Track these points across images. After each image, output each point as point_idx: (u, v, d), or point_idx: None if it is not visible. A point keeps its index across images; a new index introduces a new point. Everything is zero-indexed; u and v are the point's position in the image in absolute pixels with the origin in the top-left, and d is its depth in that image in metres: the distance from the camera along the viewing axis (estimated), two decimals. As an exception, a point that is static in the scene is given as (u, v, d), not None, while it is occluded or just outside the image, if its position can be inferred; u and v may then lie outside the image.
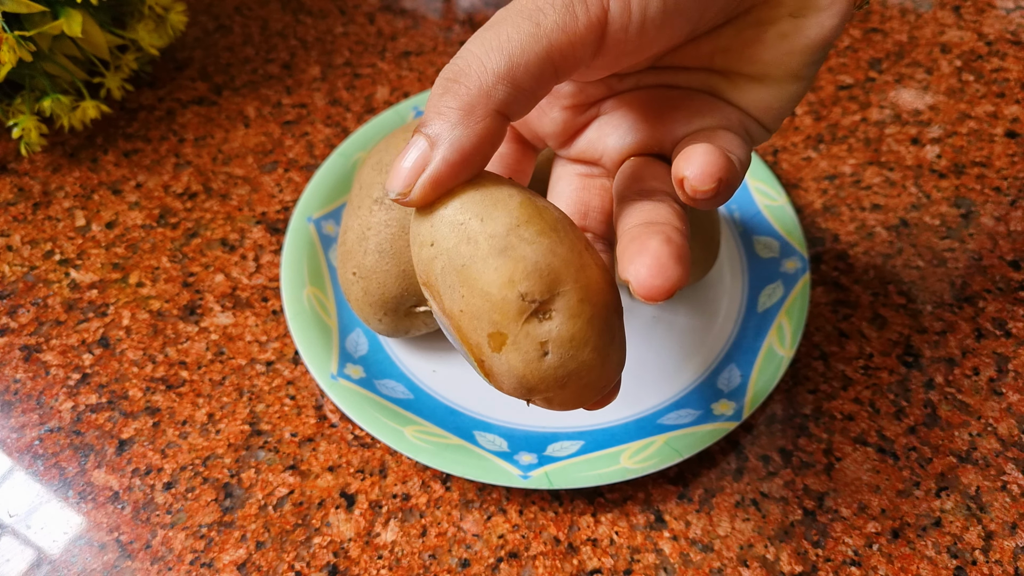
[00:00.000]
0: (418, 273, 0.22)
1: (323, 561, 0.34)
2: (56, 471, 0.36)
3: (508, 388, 0.22)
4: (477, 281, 0.21)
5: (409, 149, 0.21)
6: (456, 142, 0.21)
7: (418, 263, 0.22)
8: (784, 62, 0.23)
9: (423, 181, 0.21)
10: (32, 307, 0.42)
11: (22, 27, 0.41)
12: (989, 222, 0.44)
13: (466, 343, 0.22)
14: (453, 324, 0.22)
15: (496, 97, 0.21)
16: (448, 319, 0.22)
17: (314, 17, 0.56)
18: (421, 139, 0.21)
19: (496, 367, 0.21)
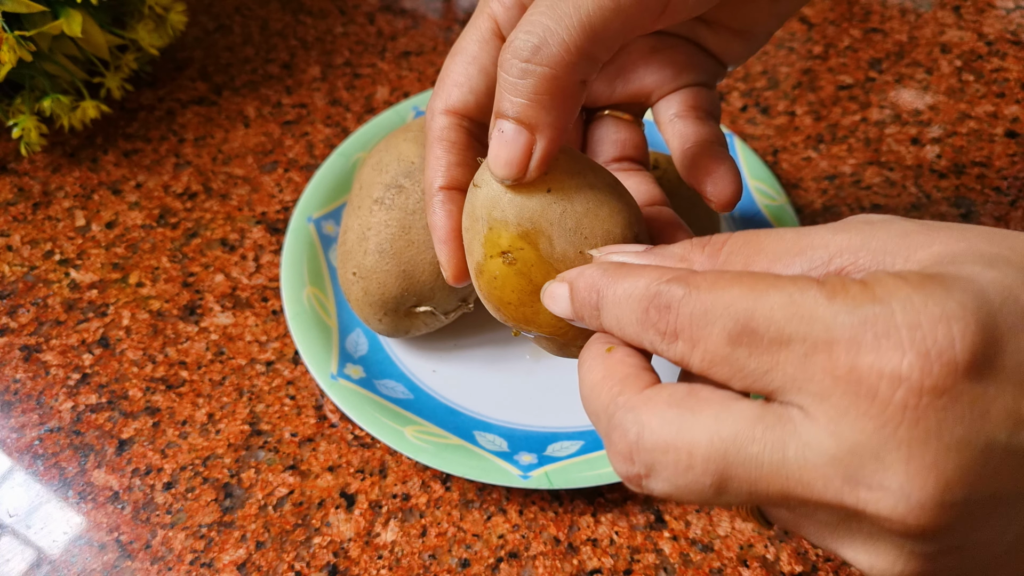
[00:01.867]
0: (513, 224, 0.24)
1: (323, 561, 0.34)
2: (56, 471, 0.36)
3: None
4: (604, 221, 0.24)
5: (506, 138, 0.22)
6: (556, 124, 0.22)
7: (521, 212, 0.23)
8: (767, 22, 0.26)
9: (535, 164, 0.22)
10: (32, 307, 0.42)
11: (22, 27, 0.41)
12: (989, 222, 0.44)
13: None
14: (565, 265, 0.24)
15: (580, 73, 0.22)
16: (553, 263, 0.24)
17: (314, 17, 0.56)
18: (514, 126, 0.22)
19: None
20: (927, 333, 0.15)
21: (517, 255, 0.24)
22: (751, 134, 0.49)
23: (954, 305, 0.16)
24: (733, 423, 0.17)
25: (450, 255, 0.27)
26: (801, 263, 0.18)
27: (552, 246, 0.24)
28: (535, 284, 0.24)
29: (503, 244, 0.24)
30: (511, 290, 0.24)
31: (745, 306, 0.17)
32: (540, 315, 0.24)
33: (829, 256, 0.18)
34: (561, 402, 0.38)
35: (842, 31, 0.54)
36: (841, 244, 0.18)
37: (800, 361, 0.17)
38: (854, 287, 0.16)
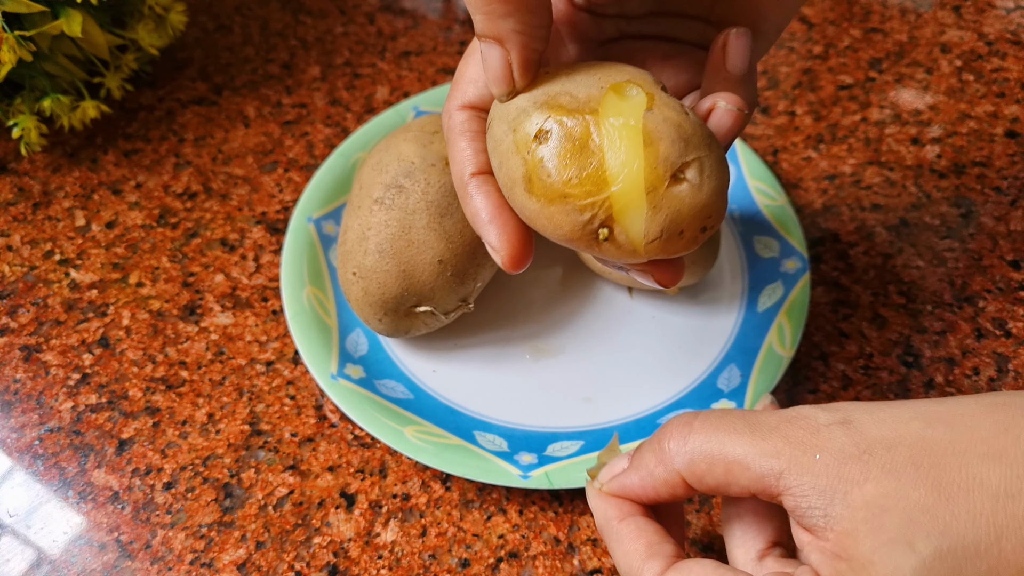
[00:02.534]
0: (531, 108, 0.23)
1: (323, 561, 0.34)
2: (56, 471, 0.36)
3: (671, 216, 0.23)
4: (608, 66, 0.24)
5: (484, 57, 0.23)
6: (521, 29, 0.23)
7: (533, 98, 0.23)
8: (774, 18, 0.26)
9: (517, 72, 0.23)
10: (32, 307, 0.42)
11: (22, 27, 0.41)
12: (989, 222, 0.44)
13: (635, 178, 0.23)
14: (592, 106, 0.23)
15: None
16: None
17: (314, 17, 0.56)
18: (486, 44, 0.23)
19: (649, 119, 0.23)
20: None
21: (549, 125, 0.23)
22: (751, 134, 0.49)
23: None
24: None
25: (500, 230, 0.25)
26: (754, 475, 0.21)
27: (576, 98, 0.23)
28: (582, 141, 0.22)
29: (531, 130, 0.23)
30: (564, 164, 0.22)
31: None
32: (607, 169, 0.22)
33: (777, 472, 0.21)
34: (561, 402, 0.38)
35: (842, 31, 0.54)
36: (789, 466, 0.21)
37: None
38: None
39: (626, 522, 0.24)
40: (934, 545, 0.19)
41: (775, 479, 0.21)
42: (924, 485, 0.20)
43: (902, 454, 0.20)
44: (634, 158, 0.22)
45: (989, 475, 0.19)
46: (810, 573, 0.21)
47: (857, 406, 0.22)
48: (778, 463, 0.21)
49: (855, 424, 0.21)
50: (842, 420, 0.21)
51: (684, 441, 0.23)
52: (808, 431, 0.21)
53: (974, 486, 0.19)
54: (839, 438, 0.21)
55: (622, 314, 0.41)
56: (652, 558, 0.23)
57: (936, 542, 0.19)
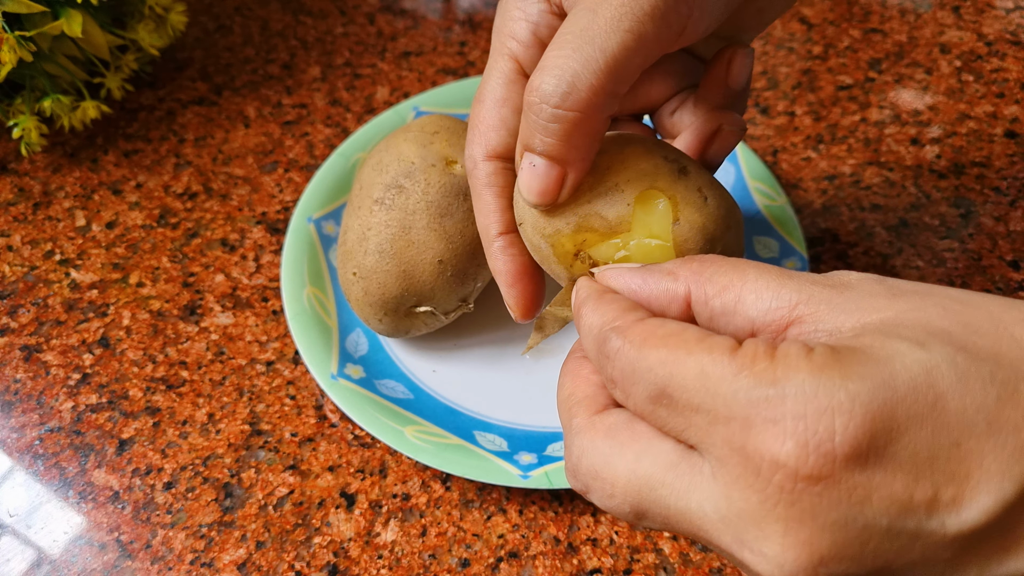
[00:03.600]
0: (566, 230, 0.26)
1: (323, 561, 0.34)
2: (56, 471, 0.36)
3: (695, 243, 0.25)
4: (631, 167, 0.26)
5: (538, 172, 0.24)
6: (585, 157, 0.24)
7: (566, 216, 0.26)
8: (753, 28, 0.28)
9: (567, 193, 0.25)
10: (32, 307, 0.42)
11: (22, 27, 0.41)
12: (989, 222, 0.44)
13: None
14: (626, 226, 0.25)
15: (606, 111, 0.23)
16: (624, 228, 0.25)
17: (314, 17, 0.56)
18: (545, 162, 0.24)
19: (677, 232, 0.25)
20: (809, 424, 0.17)
21: (586, 248, 0.25)
22: (751, 134, 0.49)
23: (843, 397, 0.17)
24: (650, 464, 0.19)
25: (519, 296, 0.28)
26: (764, 305, 0.20)
27: (606, 220, 0.25)
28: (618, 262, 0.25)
29: (571, 248, 0.25)
30: None
31: (664, 372, 0.19)
32: None
33: (792, 304, 0.19)
34: (561, 402, 0.38)
35: (842, 31, 0.54)
36: (808, 298, 0.19)
37: (707, 428, 0.18)
38: (761, 362, 0.18)
39: (609, 294, 0.22)
40: (948, 353, 0.17)
41: (790, 309, 0.19)
42: (952, 320, 0.18)
43: (934, 300, 0.19)
44: None
45: (1019, 330, 0.18)
46: (800, 343, 0.18)
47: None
48: (797, 295, 0.19)
49: (889, 280, 0.20)
50: (876, 278, 0.20)
51: (710, 264, 0.21)
52: (839, 280, 0.20)
53: (1004, 336, 0.18)
54: (870, 284, 0.19)
55: (622, 314, 0.41)
56: (635, 310, 0.21)
57: (951, 352, 0.17)
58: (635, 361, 0.19)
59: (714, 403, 0.18)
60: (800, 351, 0.18)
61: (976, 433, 0.17)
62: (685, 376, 0.18)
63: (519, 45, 0.26)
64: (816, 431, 0.17)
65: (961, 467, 0.17)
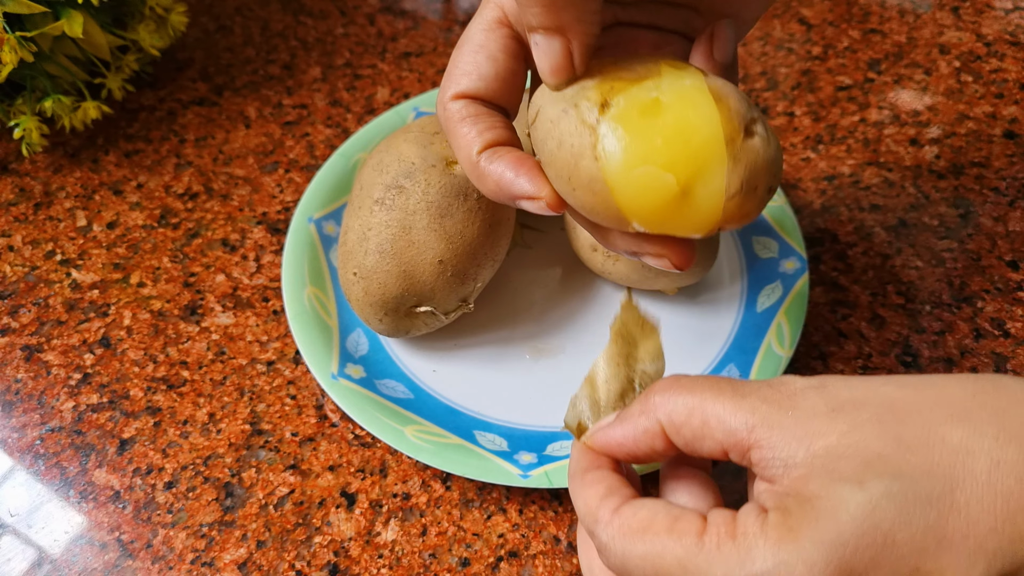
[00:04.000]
0: (592, 88, 0.23)
1: (323, 560, 0.34)
2: (57, 471, 0.36)
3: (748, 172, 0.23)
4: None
5: (542, 49, 0.24)
6: (581, 18, 0.23)
7: (589, 82, 0.24)
8: (753, 7, 0.27)
9: (578, 61, 0.24)
10: (33, 307, 0.42)
11: (23, 28, 0.41)
12: (988, 222, 0.44)
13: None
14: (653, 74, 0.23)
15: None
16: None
17: (314, 18, 0.56)
18: (543, 36, 0.23)
19: (710, 82, 0.23)
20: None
21: (615, 95, 0.23)
22: (750, 135, 0.49)
23: (802, 570, 0.19)
24: None
25: (531, 177, 0.25)
26: (726, 429, 0.22)
27: (635, 70, 0.24)
28: (652, 105, 0.23)
29: (597, 99, 0.23)
30: (640, 127, 0.22)
31: (650, 568, 0.21)
32: (685, 127, 0.22)
33: (750, 426, 0.21)
34: (561, 402, 0.38)
35: (841, 32, 0.54)
36: (762, 421, 0.21)
37: None
38: (725, 545, 0.20)
39: (593, 472, 0.25)
40: (885, 485, 0.19)
41: (747, 432, 0.21)
42: (885, 438, 0.20)
43: (869, 412, 0.21)
44: (711, 112, 0.22)
45: (951, 433, 0.20)
46: (756, 508, 0.21)
47: (835, 376, 0.23)
48: (752, 418, 0.22)
49: (829, 388, 0.22)
50: (818, 385, 0.22)
51: (669, 395, 0.23)
52: (785, 393, 0.22)
53: (935, 442, 0.20)
54: (812, 398, 0.21)
55: (622, 314, 0.41)
56: (608, 497, 0.23)
57: (887, 483, 0.19)
58: (623, 556, 0.22)
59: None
60: (756, 526, 0.20)
61: (929, 554, 0.19)
62: (669, 568, 0.21)
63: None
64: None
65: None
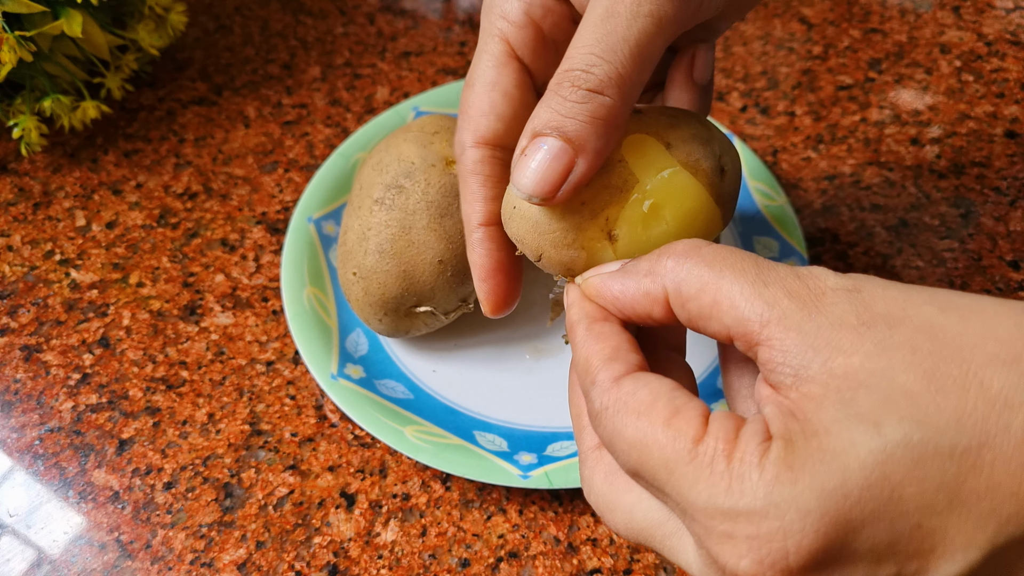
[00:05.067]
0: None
1: (323, 561, 0.34)
2: (56, 471, 0.36)
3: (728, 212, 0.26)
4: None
5: (547, 153, 0.22)
6: (601, 151, 0.23)
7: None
8: (731, 15, 0.28)
9: (569, 187, 0.23)
10: (32, 307, 0.42)
11: (22, 27, 0.41)
12: (988, 222, 0.44)
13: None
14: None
15: (632, 101, 0.23)
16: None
17: (314, 17, 0.56)
18: (560, 143, 0.22)
19: (675, 154, 0.25)
20: (762, 544, 0.17)
21: (614, 224, 0.24)
22: (751, 134, 0.49)
23: (793, 517, 0.17)
24: (642, 518, 0.21)
25: (490, 291, 0.28)
26: (737, 315, 0.20)
27: (613, 185, 0.24)
28: (654, 212, 0.24)
29: (600, 234, 0.24)
30: (654, 246, 0.23)
31: (636, 456, 0.20)
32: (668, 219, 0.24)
33: (764, 320, 0.19)
34: (561, 402, 0.38)
35: (842, 31, 0.54)
36: (780, 317, 0.19)
37: (679, 512, 0.20)
38: (719, 465, 0.18)
39: (600, 324, 0.23)
40: (905, 432, 0.17)
41: (759, 326, 0.19)
42: (917, 371, 0.17)
43: (903, 335, 0.18)
44: (697, 191, 0.25)
45: (993, 378, 0.17)
46: (760, 423, 0.19)
47: (872, 279, 0.20)
48: (769, 312, 0.19)
49: (864, 294, 0.19)
50: (852, 287, 0.19)
51: (684, 261, 0.21)
52: (813, 290, 0.19)
53: (972, 385, 0.17)
54: (842, 304, 0.19)
55: (622, 314, 0.41)
56: (613, 361, 0.21)
57: (907, 429, 0.17)
58: (612, 433, 0.20)
59: (679, 497, 0.19)
60: (755, 455, 0.18)
61: (937, 511, 0.17)
62: (654, 466, 0.19)
63: (510, 25, 0.26)
64: (769, 551, 0.17)
65: (925, 543, 0.17)
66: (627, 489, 0.22)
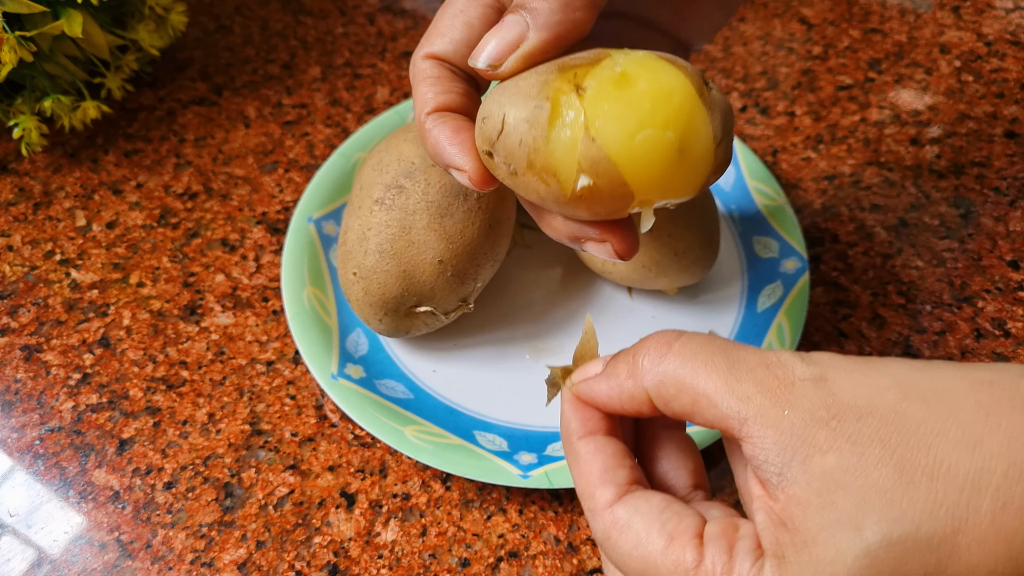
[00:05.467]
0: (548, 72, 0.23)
1: (323, 561, 0.34)
2: (57, 471, 0.36)
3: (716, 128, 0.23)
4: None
5: (504, 24, 0.23)
6: (555, 27, 0.23)
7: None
8: (710, 27, 0.28)
9: (518, 57, 0.23)
10: (33, 307, 0.42)
11: (23, 27, 0.41)
12: (988, 222, 0.44)
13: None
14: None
15: (599, 5, 0.23)
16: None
17: (314, 17, 0.56)
18: (518, 17, 0.23)
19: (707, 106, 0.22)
20: None
21: (582, 79, 0.22)
22: (751, 134, 0.49)
23: None
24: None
25: (463, 150, 0.25)
26: (716, 413, 0.21)
27: (584, 57, 0.23)
28: (620, 79, 0.22)
29: (568, 87, 0.22)
30: (622, 101, 0.22)
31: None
32: (657, 91, 0.22)
33: (743, 417, 0.20)
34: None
35: (841, 31, 0.54)
36: (756, 414, 0.20)
37: None
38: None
39: (585, 441, 0.23)
40: (884, 532, 0.18)
41: (739, 424, 0.20)
42: (887, 464, 0.18)
43: (871, 427, 0.19)
44: (676, 73, 0.22)
45: (959, 463, 0.18)
46: (752, 538, 0.20)
47: (837, 362, 0.20)
48: (745, 409, 0.20)
49: (830, 384, 0.20)
50: (818, 377, 0.20)
51: (659, 361, 0.22)
52: (782, 382, 0.20)
53: (940, 473, 0.18)
54: (811, 397, 0.20)
55: (622, 314, 0.41)
56: (604, 485, 0.22)
57: (887, 529, 0.18)
58: (619, 562, 0.21)
59: None
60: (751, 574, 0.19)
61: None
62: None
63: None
64: None
65: None
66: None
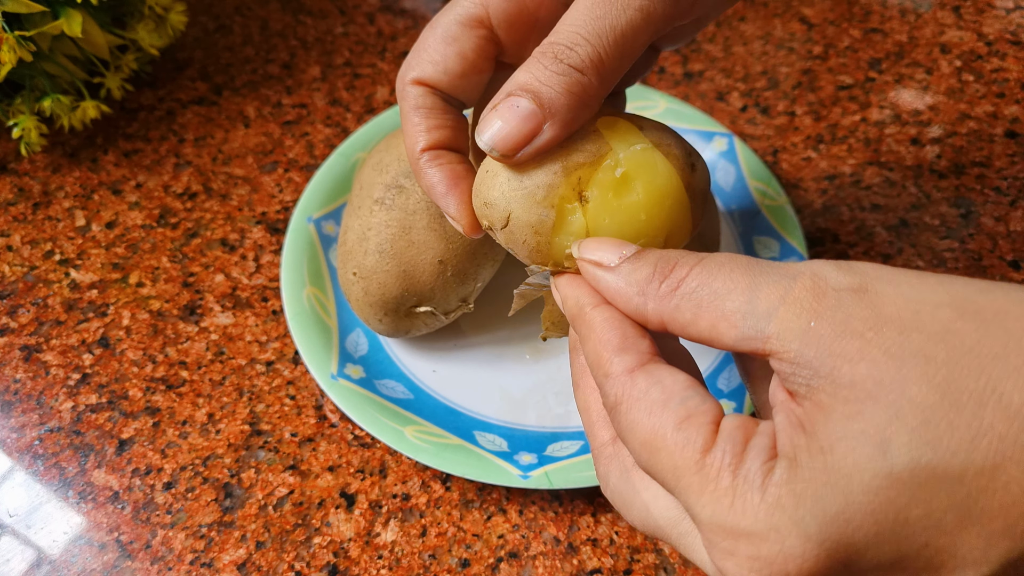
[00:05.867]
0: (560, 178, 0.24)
1: (323, 561, 0.34)
2: (56, 471, 0.36)
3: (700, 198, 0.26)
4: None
5: (518, 112, 0.23)
6: (569, 123, 0.23)
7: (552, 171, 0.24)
8: (710, 15, 0.28)
9: (532, 150, 0.23)
10: (32, 307, 0.42)
11: (22, 27, 0.41)
12: (989, 222, 0.44)
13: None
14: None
15: (608, 87, 0.23)
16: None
17: (314, 17, 0.56)
18: (533, 106, 0.23)
19: (647, 136, 0.25)
20: (764, 565, 0.17)
21: (585, 185, 0.24)
22: (751, 134, 0.49)
23: (794, 542, 0.17)
24: (658, 516, 0.21)
25: (458, 202, 0.26)
26: (738, 334, 0.19)
27: (586, 151, 0.24)
28: (622, 183, 0.24)
29: (570, 193, 0.24)
30: (623, 216, 0.24)
31: (646, 457, 0.20)
32: (656, 190, 0.24)
33: (765, 335, 0.19)
34: (561, 402, 0.38)
35: (842, 31, 0.54)
36: (779, 330, 0.18)
37: (688, 510, 0.19)
38: (724, 480, 0.18)
39: (601, 308, 0.22)
40: (913, 455, 0.16)
41: (762, 342, 0.18)
42: (930, 383, 0.16)
43: (915, 342, 0.17)
44: (668, 171, 0.24)
45: (1014, 392, 0.16)
46: (768, 436, 0.18)
47: (882, 272, 0.18)
48: (768, 326, 0.18)
49: (872, 295, 0.18)
50: (858, 287, 0.18)
51: (678, 284, 0.20)
52: (813, 293, 0.18)
53: (991, 400, 0.16)
54: (847, 307, 0.18)
55: (622, 314, 0.41)
56: (624, 351, 0.21)
57: (917, 452, 0.16)
58: (626, 429, 0.20)
59: (686, 504, 0.19)
60: (759, 475, 0.18)
61: (946, 531, 0.16)
62: (663, 468, 0.19)
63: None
64: (771, 572, 0.17)
65: (933, 560, 0.17)
66: (643, 487, 0.22)
